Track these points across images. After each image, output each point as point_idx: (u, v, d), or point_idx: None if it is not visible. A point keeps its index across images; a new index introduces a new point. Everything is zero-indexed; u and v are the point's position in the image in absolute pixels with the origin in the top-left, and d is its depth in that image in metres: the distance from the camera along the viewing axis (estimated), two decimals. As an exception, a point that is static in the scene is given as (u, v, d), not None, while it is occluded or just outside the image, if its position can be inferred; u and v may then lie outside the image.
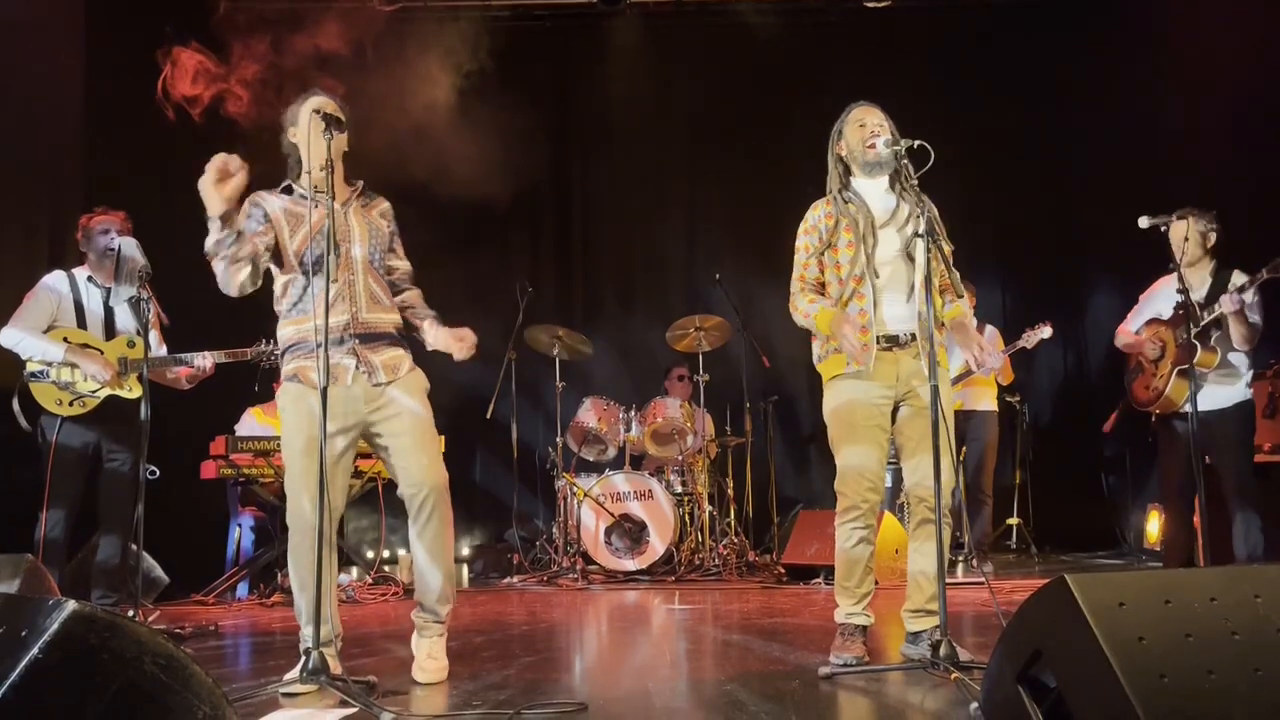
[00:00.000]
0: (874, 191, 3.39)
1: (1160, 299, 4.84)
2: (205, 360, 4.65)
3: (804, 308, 3.35)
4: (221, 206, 2.88)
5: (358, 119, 3.31)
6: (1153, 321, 4.84)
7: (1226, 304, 4.35)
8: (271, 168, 3.27)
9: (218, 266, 2.98)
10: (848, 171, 3.44)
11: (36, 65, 5.93)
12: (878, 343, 3.28)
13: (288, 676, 2.95)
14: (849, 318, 3.25)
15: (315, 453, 2.91)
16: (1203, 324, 4.45)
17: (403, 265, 3.37)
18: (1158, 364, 4.70)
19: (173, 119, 3.58)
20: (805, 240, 3.42)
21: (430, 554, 3.15)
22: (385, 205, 3.36)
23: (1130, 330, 4.95)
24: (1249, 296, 4.37)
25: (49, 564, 4.22)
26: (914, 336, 3.29)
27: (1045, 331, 5.88)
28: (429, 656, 3.12)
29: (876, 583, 3.46)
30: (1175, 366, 4.59)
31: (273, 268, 3.19)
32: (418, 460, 3.12)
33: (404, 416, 3.14)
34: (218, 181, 2.87)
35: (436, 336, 3.27)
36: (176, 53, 3.55)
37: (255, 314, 5.00)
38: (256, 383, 6.43)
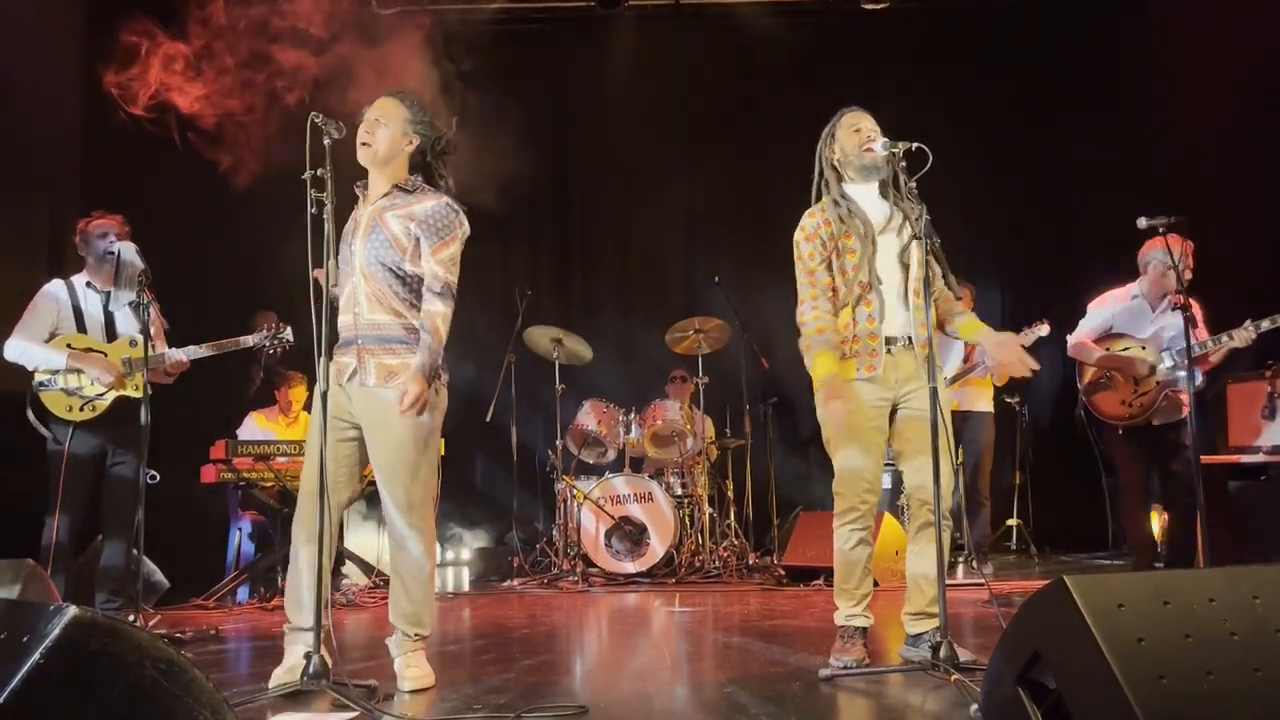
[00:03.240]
0: (868, 198, 3.39)
1: (1116, 315, 4.99)
2: (204, 353, 4.63)
3: (812, 326, 3.29)
4: None
5: (353, 121, 3.29)
6: (1118, 337, 4.96)
7: (1241, 337, 4.55)
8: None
9: None
10: (839, 178, 3.43)
11: (35, 70, 5.93)
12: (888, 347, 3.29)
13: (277, 672, 2.97)
14: (844, 391, 3.22)
15: (327, 450, 2.96)
16: (1207, 349, 4.65)
17: (428, 268, 3.14)
18: (1140, 382, 4.81)
19: (124, 119, 3.58)
20: (809, 248, 3.34)
21: (402, 573, 3.14)
22: (422, 207, 3.15)
23: (1088, 342, 5.03)
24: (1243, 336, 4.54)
25: (58, 570, 4.22)
26: (910, 340, 3.30)
27: (1042, 330, 5.88)
28: (409, 667, 3.10)
29: (876, 584, 3.47)
30: (1165, 387, 4.75)
31: None
32: (390, 481, 3.10)
33: (384, 431, 3.08)
34: None
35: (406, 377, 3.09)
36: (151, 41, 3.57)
37: (251, 312, 5.02)
38: (261, 369, 6.43)
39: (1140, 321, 4.92)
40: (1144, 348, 4.85)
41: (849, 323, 3.33)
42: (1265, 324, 4.45)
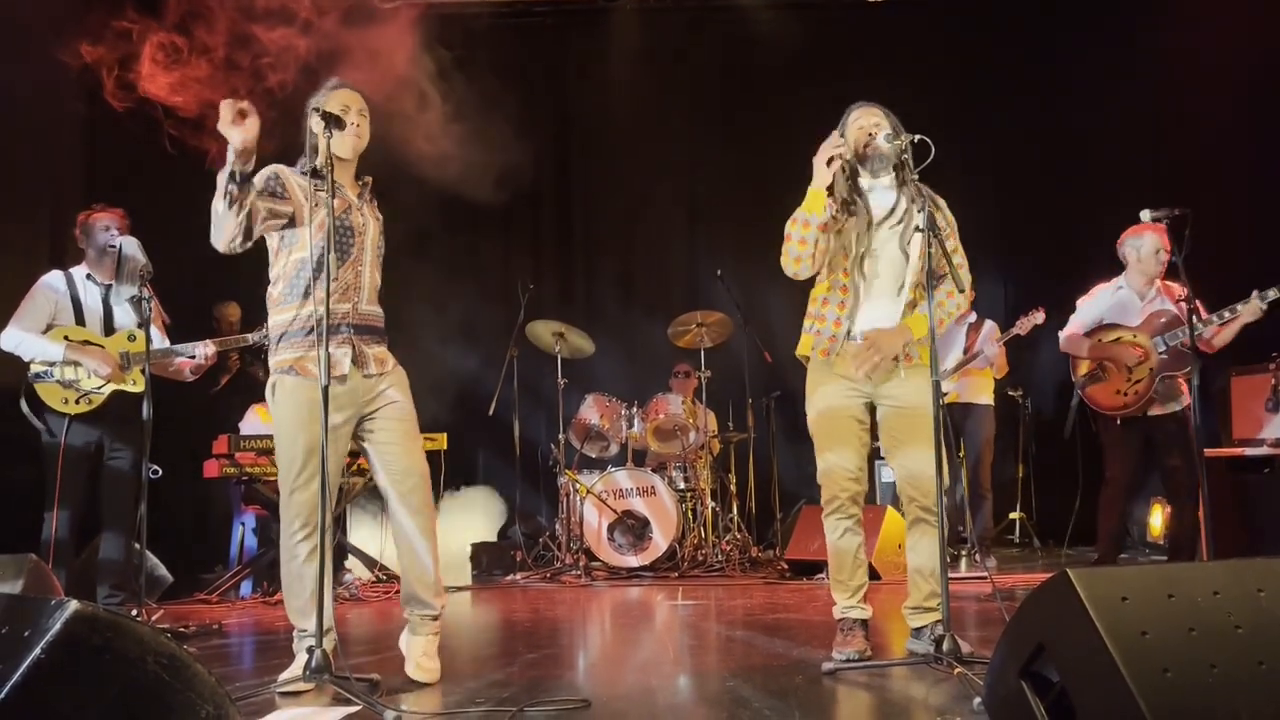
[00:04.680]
0: (877, 189, 3.38)
1: (1104, 306, 5.06)
2: (207, 348, 4.65)
3: (788, 236, 3.27)
4: (243, 140, 2.80)
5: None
6: (1108, 327, 5.01)
7: (1249, 310, 4.54)
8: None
9: (218, 206, 2.87)
10: (854, 174, 3.42)
11: (37, 62, 5.93)
12: (849, 337, 3.30)
13: (284, 675, 2.96)
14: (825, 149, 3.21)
15: (319, 449, 2.88)
16: (1208, 328, 4.68)
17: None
18: (1134, 370, 4.83)
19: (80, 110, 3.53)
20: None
21: (423, 541, 3.14)
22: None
23: (1080, 335, 5.10)
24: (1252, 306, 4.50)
25: (58, 564, 4.22)
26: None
27: (1038, 317, 5.93)
28: (424, 655, 3.10)
29: (878, 576, 3.47)
30: (1159, 374, 4.77)
31: (272, 248, 3.14)
32: (407, 450, 3.16)
33: (395, 409, 3.18)
34: (234, 121, 2.79)
35: None
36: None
37: (254, 307, 5.01)
38: (262, 369, 6.43)
39: (1129, 311, 4.97)
40: (1135, 335, 4.89)
41: (818, 299, 3.39)
42: (1272, 293, 4.42)
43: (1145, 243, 4.89)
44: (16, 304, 4.49)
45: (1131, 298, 4.98)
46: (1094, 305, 5.10)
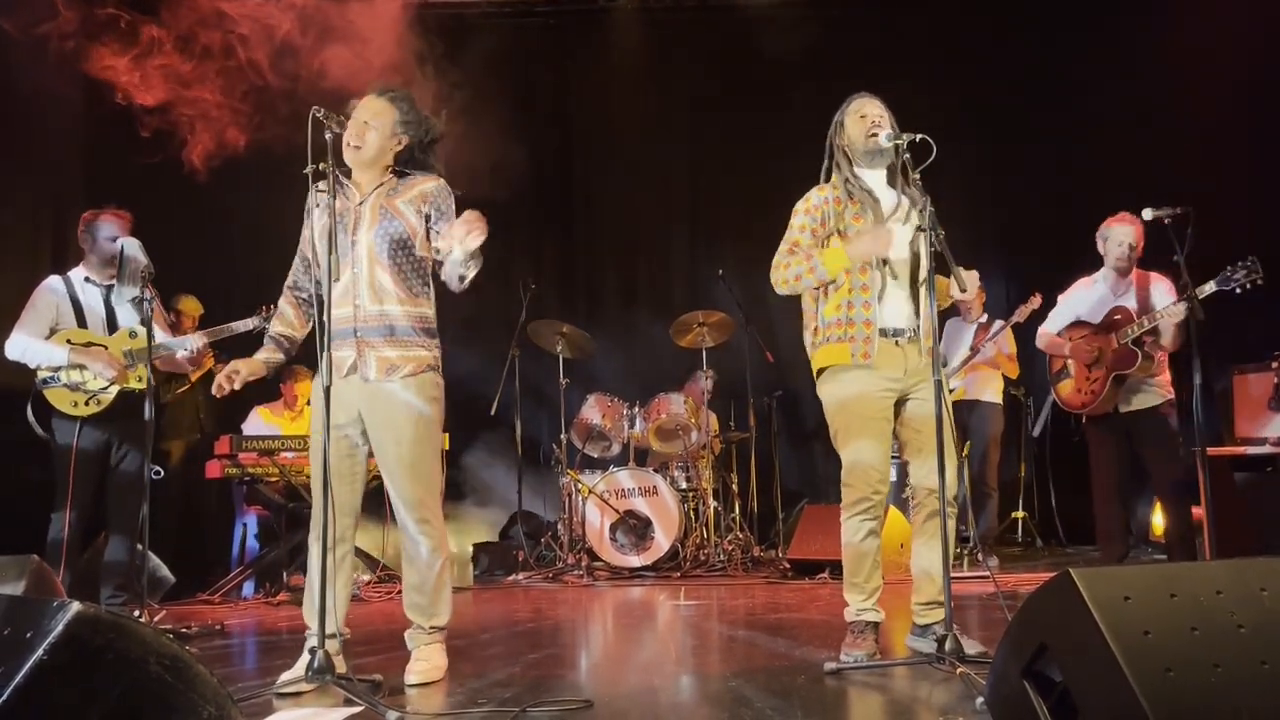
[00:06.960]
0: (877, 184, 3.37)
1: (1080, 302, 5.02)
2: (197, 341, 4.65)
3: (794, 264, 3.29)
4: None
5: (346, 112, 3.23)
6: (1079, 325, 4.98)
7: (1171, 312, 4.47)
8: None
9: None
10: (850, 163, 3.40)
11: (38, 61, 5.93)
12: (882, 335, 3.26)
13: (285, 676, 2.95)
14: (868, 231, 3.21)
15: (329, 447, 2.94)
16: (1142, 330, 4.63)
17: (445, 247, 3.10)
18: (1091, 369, 4.82)
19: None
20: (804, 219, 3.36)
21: (411, 569, 3.15)
22: (426, 186, 3.18)
23: (1051, 332, 5.09)
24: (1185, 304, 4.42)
25: (66, 565, 4.23)
26: (916, 333, 3.29)
27: (1035, 303, 5.91)
28: (415, 659, 3.13)
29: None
30: (1112, 373, 4.74)
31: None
32: (397, 478, 3.10)
33: (387, 427, 3.07)
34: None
35: (449, 238, 3.00)
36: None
37: (252, 308, 5.01)
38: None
39: (1102, 306, 4.93)
40: (1095, 333, 4.88)
41: (840, 305, 3.30)
42: (1204, 289, 4.37)
43: (1113, 234, 4.85)
44: (17, 303, 4.49)
45: (1105, 292, 4.95)
46: (1068, 301, 5.10)
